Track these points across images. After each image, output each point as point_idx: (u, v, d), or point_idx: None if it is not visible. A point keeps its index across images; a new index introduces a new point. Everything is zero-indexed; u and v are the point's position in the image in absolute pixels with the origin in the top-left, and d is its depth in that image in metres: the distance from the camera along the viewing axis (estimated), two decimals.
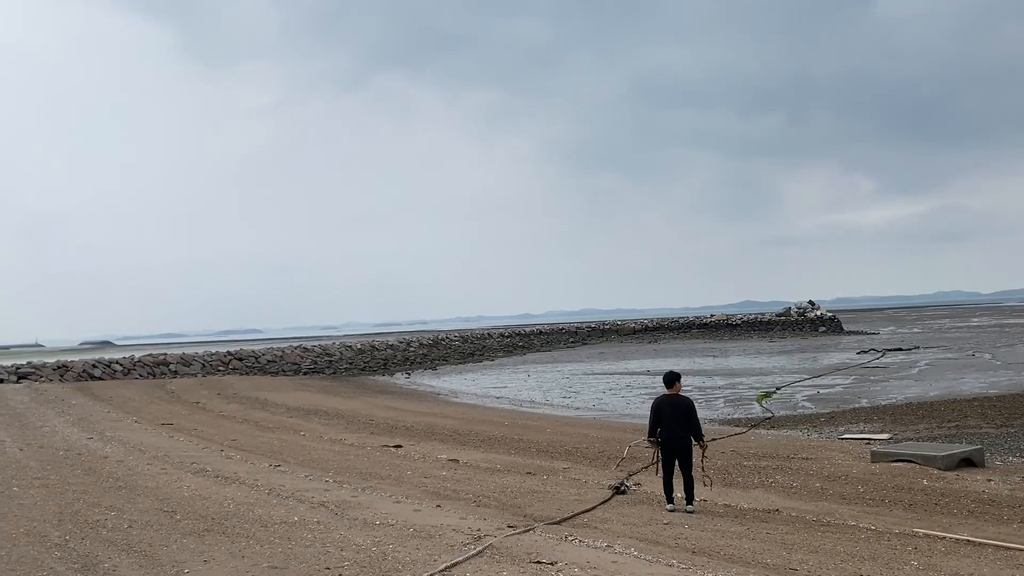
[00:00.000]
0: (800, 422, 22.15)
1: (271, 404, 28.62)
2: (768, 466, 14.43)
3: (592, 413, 27.12)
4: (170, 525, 9.52)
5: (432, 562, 7.73)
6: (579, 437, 19.12)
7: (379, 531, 9.16)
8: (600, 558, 7.96)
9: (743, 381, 36.61)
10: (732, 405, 27.59)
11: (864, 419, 21.91)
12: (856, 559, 8.29)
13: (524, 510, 10.70)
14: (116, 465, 14.41)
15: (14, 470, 13.80)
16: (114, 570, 7.58)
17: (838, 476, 13.32)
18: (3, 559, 8.06)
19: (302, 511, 10.35)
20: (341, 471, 14.07)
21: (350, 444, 18.19)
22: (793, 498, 11.78)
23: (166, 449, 16.73)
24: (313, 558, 7.93)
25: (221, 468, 14.15)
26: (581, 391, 35.89)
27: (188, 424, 22.20)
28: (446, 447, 17.59)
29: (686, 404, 10.71)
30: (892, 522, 10.12)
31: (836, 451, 16.25)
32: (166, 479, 12.93)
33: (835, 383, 34.03)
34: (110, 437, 18.75)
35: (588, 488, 12.43)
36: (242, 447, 17.43)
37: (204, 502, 10.94)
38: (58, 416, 23.65)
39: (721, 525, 9.87)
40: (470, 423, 22.71)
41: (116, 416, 24.03)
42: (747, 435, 19.49)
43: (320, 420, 23.80)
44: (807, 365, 45.31)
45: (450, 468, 14.59)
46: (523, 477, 13.52)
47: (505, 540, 8.62)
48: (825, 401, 27.43)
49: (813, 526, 9.92)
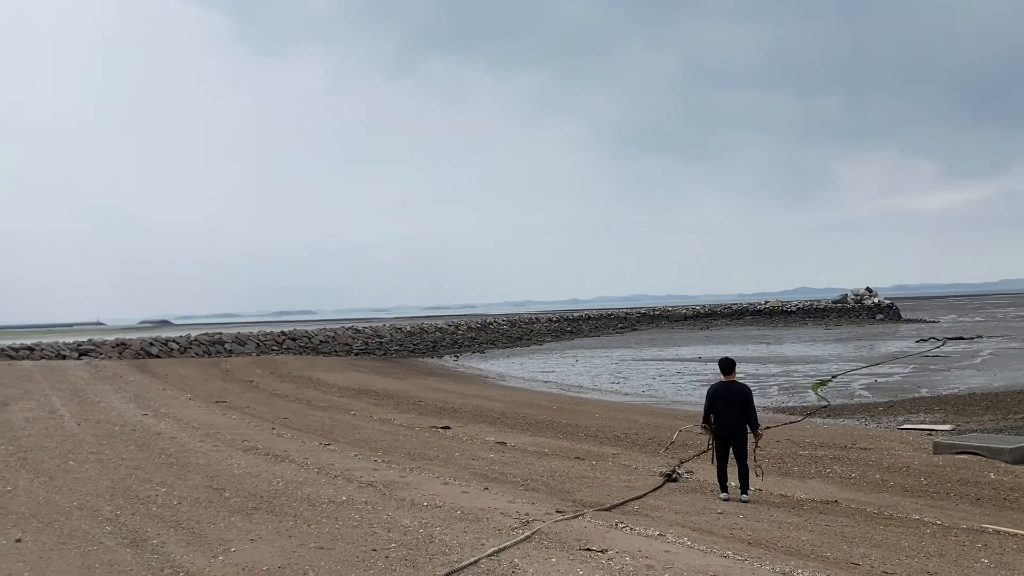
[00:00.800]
0: (857, 411, 21.58)
1: (323, 384, 28.86)
2: (825, 456, 14.01)
3: (642, 399, 26.80)
4: (219, 502, 9.54)
5: (480, 546, 7.58)
6: (628, 423, 18.85)
7: (426, 513, 9.05)
8: (652, 547, 7.72)
9: (798, 369, 35.86)
10: (786, 393, 27.02)
11: (925, 409, 21.25)
12: (922, 555, 7.92)
13: (573, 495, 10.50)
14: (169, 441, 14.59)
15: (71, 444, 14.05)
16: (162, 546, 7.59)
17: (899, 467, 12.86)
18: (56, 532, 8.15)
19: (350, 491, 10.30)
20: (390, 451, 14.05)
21: (399, 424, 18.20)
22: (852, 489, 11.38)
23: (218, 426, 16.91)
24: (359, 539, 7.85)
25: (271, 446, 14.22)
26: (630, 377, 35.54)
27: (241, 402, 22.45)
28: (494, 430, 17.48)
29: (743, 391, 10.39)
30: (959, 517, 9.69)
31: (896, 441, 15.74)
32: (217, 456, 13.03)
33: (893, 372, 33.13)
34: (164, 414, 19.04)
35: (638, 474, 12.18)
36: (293, 425, 17.54)
37: (253, 480, 10.97)
38: (115, 392, 24.13)
39: (777, 516, 9.55)
40: (518, 406, 22.59)
41: (171, 393, 24.43)
42: (802, 424, 19.03)
43: (370, 400, 23.91)
44: (864, 353, 44.24)
45: (498, 451, 14.47)
46: (571, 462, 13.33)
47: (554, 525, 8.43)
48: (883, 390, 26.70)
49: (874, 519, 9.54)
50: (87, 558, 7.21)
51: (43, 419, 17.48)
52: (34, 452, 13.15)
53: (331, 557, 7.22)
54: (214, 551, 7.42)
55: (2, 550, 7.43)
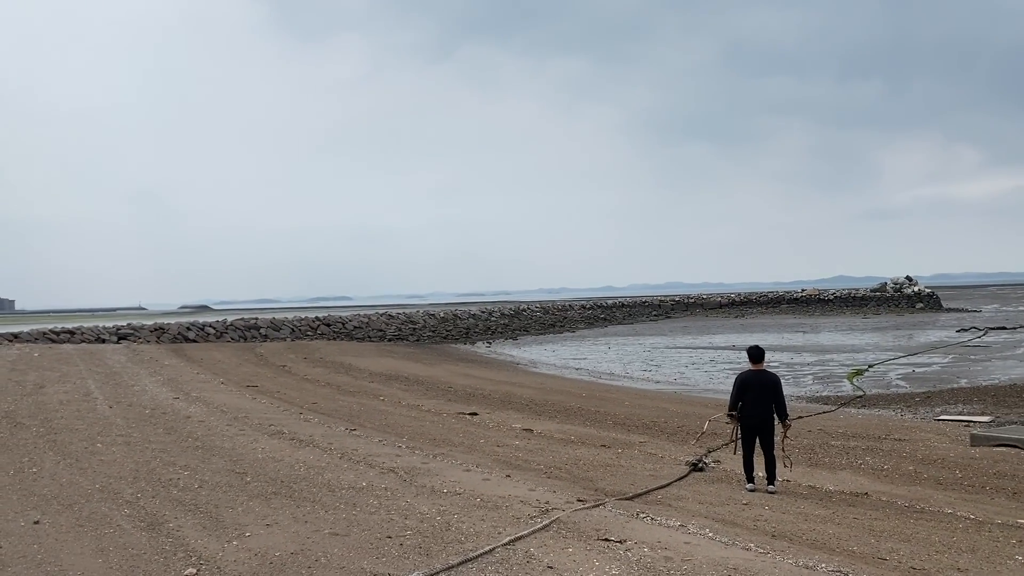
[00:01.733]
0: (893, 401, 21.14)
1: (354, 369, 29.00)
2: (857, 447, 13.70)
3: (673, 387, 26.53)
4: (239, 486, 9.56)
5: (496, 534, 7.49)
6: (658, 411, 18.64)
7: (445, 500, 8.98)
8: (672, 538, 7.56)
9: (833, 358, 35.27)
10: (821, 382, 26.57)
11: (963, 400, 20.75)
12: (952, 550, 7.66)
13: (596, 483, 10.36)
14: (197, 425, 14.71)
15: (101, 427, 14.23)
16: (178, 530, 7.60)
17: (934, 460, 12.52)
18: (75, 514, 8.22)
19: (371, 476, 10.27)
20: (415, 437, 14.02)
21: (427, 410, 18.19)
22: (883, 481, 11.10)
23: (247, 411, 17.03)
24: (376, 526, 7.79)
25: (297, 431, 14.27)
26: (662, 364, 35.24)
27: (272, 387, 22.62)
28: (521, 416, 17.39)
29: (773, 380, 10.16)
30: (994, 511, 9.39)
31: (932, 433, 15.36)
32: (242, 440, 13.09)
33: (932, 362, 32.43)
34: (195, 398, 19.23)
35: (664, 463, 12.00)
36: (321, 410, 17.62)
37: (276, 464, 10.99)
38: (150, 376, 24.46)
39: (804, 508, 9.32)
40: (547, 393, 22.48)
41: (204, 377, 24.70)
42: (836, 413, 18.67)
43: (400, 386, 23.96)
44: (902, 343, 43.40)
45: (524, 437, 14.37)
46: (597, 449, 13.18)
47: (573, 514, 8.31)
48: (921, 380, 26.14)
49: (905, 512, 9.27)
50: (102, 541, 7.25)
51: (76, 401, 17.75)
52: (64, 434, 13.33)
53: (345, 544, 7.17)
54: (229, 536, 7.41)
55: (19, 532, 7.50)
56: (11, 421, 14.68)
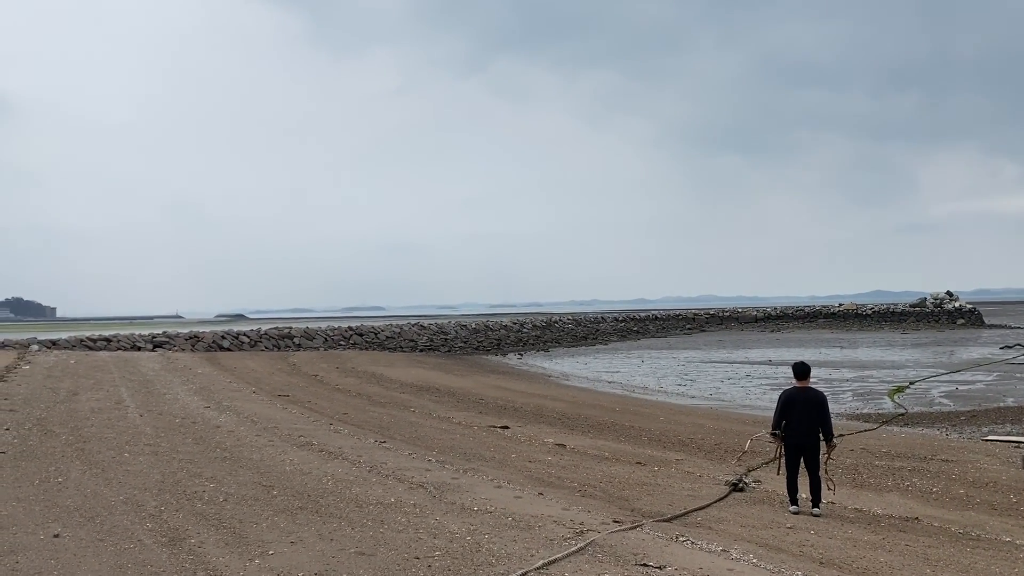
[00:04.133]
0: (937, 420, 20.47)
1: (386, 379, 28.84)
2: (903, 467, 13.18)
3: (708, 403, 25.99)
4: (265, 500, 9.33)
5: (528, 557, 7.16)
6: (694, 427, 18.19)
7: (476, 518, 8.67)
8: (714, 564, 7.18)
9: (873, 374, 34.44)
10: (861, 399, 25.88)
11: (1011, 419, 20.04)
12: None
13: (632, 503, 10.00)
14: (226, 435, 14.56)
15: (129, 436, 14.13)
16: (199, 546, 7.37)
17: (985, 482, 11.98)
18: (96, 527, 8.02)
19: (400, 492, 10.00)
20: (445, 450, 13.74)
21: (457, 423, 17.91)
22: (934, 505, 10.60)
23: (277, 421, 16.88)
24: (403, 545, 7.50)
25: (327, 442, 14.06)
26: (697, 379, 34.65)
27: (303, 396, 22.50)
28: (554, 431, 17.04)
29: (819, 399, 9.74)
30: None
31: (980, 454, 14.76)
32: (271, 451, 12.90)
33: (976, 379, 31.51)
34: (226, 407, 19.14)
35: (702, 483, 11.59)
36: (351, 421, 17.42)
37: (303, 477, 10.76)
38: (182, 384, 24.47)
39: (852, 532, 8.88)
40: (580, 407, 22.11)
41: (236, 386, 24.67)
42: (878, 432, 18.08)
43: (431, 397, 23.72)
44: (943, 359, 42.33)
45: (556, 453, 14.03)
46: (632, 467, 12.80)
47: (609, 537, 7.96)
48: (965, 398, 25.35)
49: (960, 539, 8.79)
50: (121, 557, 7.02)
51: (108, 409, 17.72)
52: (92, 443, 13.23)
53: (371, 564, 6.89)
54: (251, 553, 7.16)
55: (38, 546, 7.31)
56: (42, 429, 14.65)
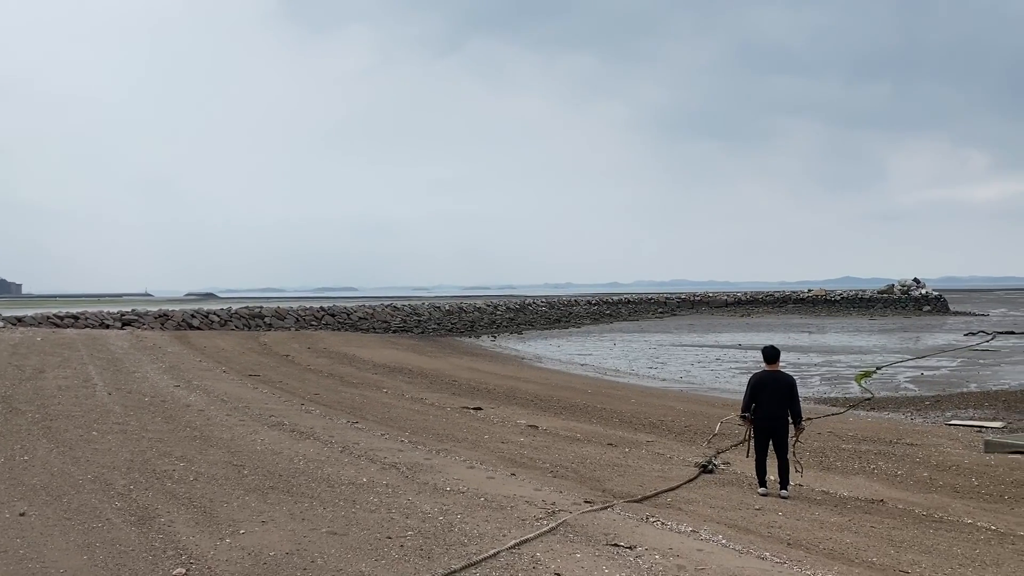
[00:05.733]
0: (903, 404, 20.80)
1: (358, 360, 28.73)
2: (869, 451, 13.40)
3: (679, 385, 26.21)
4: (236, 480, 9.28)
5: (500, 537, 7.19)
6: (664, 409, 18.34)
7: (448, 498, 8.68)
8: (684, 544, 7.26)
9: (841, 359, 34.90)
10: (829, 383, 26.22)
11: (974, 405, 20.40)
12: (976, 564, 7.34)
13: (603, 484, 10.07)
14: (196, 414, 14.43)
15: (98, 414, 13.95)
16: (169, 525, 7.30)
17: (948, 466, 12.21)
18: (63, 506, 7.92)
19: (372, 472, 9.98)
20: (418, 431, 13.74)
21: (430, 404, 17.91)
22: (899, 488, 10.79)
23: (248, 400, 16.77)
24: (375, 525, 7.50)
25: (298, 422, 13.99)
26: (668, 362, 34.91)
27: (274, 376, 22.37)
28: (526, 412, 17.10)
29: (788, 382, 9.86)
30: (1015, 522, 9.07)
31: (944, 438, 15.04)
32: (242, 431, 12.81)
33: (940, 365, 32.04)
34: (196, 386, 18.97)
35: (672, 464, 11.70)
36: (323, 402, 17.35)
37: (275, 457, 10.70)
38: (152, 363, 24.21)
39: (819, 514, 9.01)
40: (552, 389, 22.20)
41: (206, 365, 24.45)
42: (845, 416, 18.35)
43: (404, 378, 23.69)
44: (910, 345, 42.99)
45: (528, 434, 14.08)
46: (604, 448, 12.89)
47: (581, 517, 8.01)
48: (930, 383, 25.77)
49: (924, 521, 8.96)
50: (89, 536, 6.95)
51: (75, 387, 17.49)
52: (59, 421, 13.06)
53: (343, 544, 6.87)
54: (222, 532, 7.11)
55: (4, 524, 7.20)
56: (7, 406, 14.42)
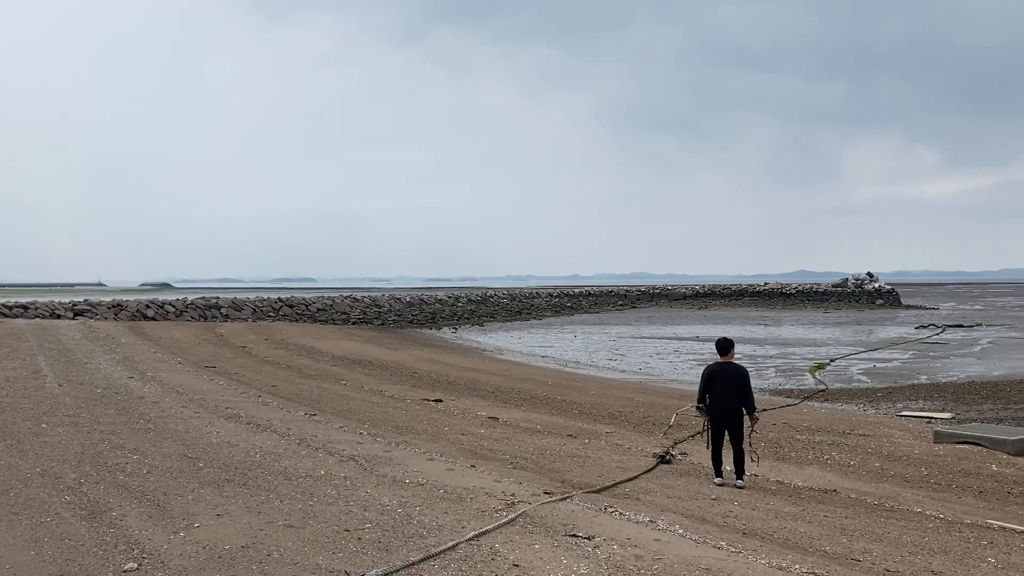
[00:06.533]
0: (856, 396, 21.21)
1: (316, 352, 28.48)
2: (823, 441, 13.63)
3: (638, 377, 26.43)
4: (191, 472, 9.13)
5: (460, 529, 7.18)
6: (624, 401, 18.48)
7: (407, 491, 8.65)
8: (642, 534, 7.32)
9: (796, 351, 35.48)
10: (784, 375, 26.65)
11: (924, 396, 20.88)
12: (925, 551, 7.51)
13: (562, 475, 10.11)
14: (150, 406, 14.19)
15: (48, 406, 13.64)
16: (121, 519, 7.16)
17: (899, 456, 12.48)
18: (10, 501, 7.72)
19: (330, 464, 9.90)
20: (377, 423, 13.66)
21: (390, 396, 17.82)
22: (851, 478, 10.99)
23: (203, 392, 16.53)
24: (333, 517, 7.43)
25: (255, 414, 13.83)
26: (628, 354, 35.18)
27: (231, 368, 22.08)
28: (487, 404, 17.10)
29: (739, 373, 9.98)
30: (962, 511, 9.30)
31: (895, 428, 15.36)
32: (197, 423, 12.62)
33: (892, 357, 32.75)
34: (151, 377, 18.65)
35: (631, 455, 11.79)
36: (280, 394, 17.17)
37: (231, 450, 10.56)
38: (105, 354, 23.75)
39: (774, 504, 9.15)
40: (513, 381, 22.23)
41: (161, 356, 24.06)
42: (800, 407, 18.65)
43: (363, 370, 23.53)
44: (863, 338, 43.87)
45: (489, 426, 14.09)
46: (563, 439, 12.94)
47: (540, 508, 8.03)
48: (882, 375, 26.34)
49: (875, 510, 9.14)
50: (37, 531, 6.78)
51: (24, 379, 17.08)
52: (7, 413, 12.73)
53: (300, 537, 6.80)
54: (176, 526, 6.99)
55: None
56: None
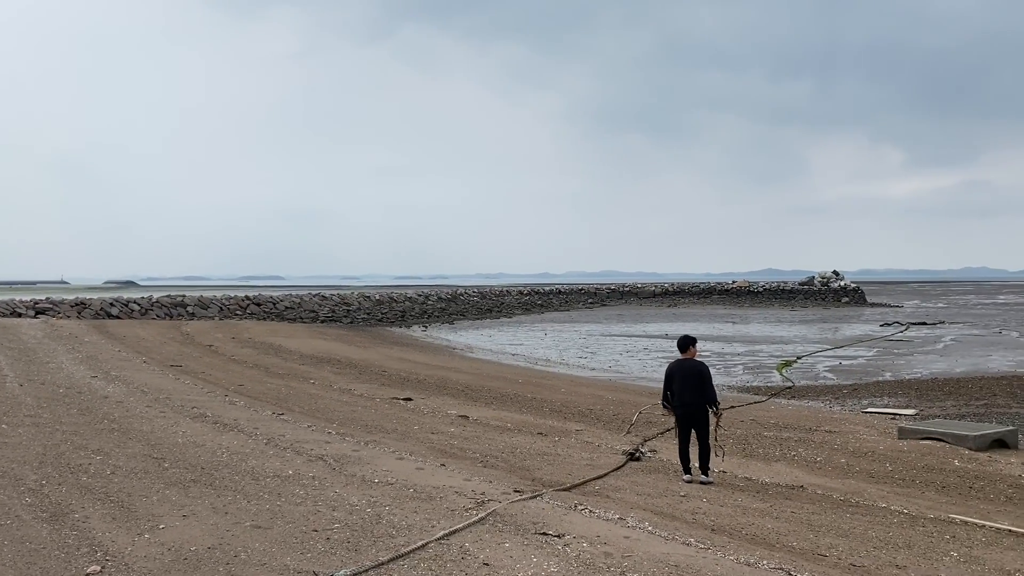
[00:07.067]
0: (822, 393, 21.46)
1: (284, 350, 28.24)
2: (790, 438, 13.78)
3: (608, 374, 26.53)
4: (156, 473, 9.00)
5: (429, 528, 7.14)
6: (594, 398, 18.54)
7: (377, 490, 8.59)
8: (611, 532, 7.34)
9: (763, 349, 35.83)
10: (751, 372, 26.90)
11: (888, 393, 21.18)
12: (890, 546, 7.62)
13: (532, 473, 10.11)
14: (114, 406, 13.97)
15: (8, 406, 13.37)
16: (84, 521, 7.03)
17: (864, 452, 12.64)
18: None
19: (298, 464, 9.81)
20: (346, 423, 13.58)
21: (359, 395, 17.72)
22: (817, 474, 11.12)
23: (169, 391, 16.31)
24: (301, 517, 7.36)
25: (222, 414, 13.67)
26: (597, 352, 35.30)
27: (197, 367, 21.83)
28: (457, 402, 17.07)
29: (698, 369, 10.06)
30: (925, 506, 9.45)
31: (861, 425, 15.56)
32: (162, 423, 12.45)
33: (858, 355, 33.19)
34: (115, 376, 18.37)
35: (601, 452, 11.83)
36: (247, 393, 17.00)
37: (197, 450, 10.43)
38: (67, 353, 23.36)
39: (742, 500, 9.23)
40: (483, 379, 22.21)
41: (126, 355, 23.72)
42: (767, 404, 18.84)
43: (332, 369, 23.38)
44: (829, 335, 44.41)
45: (459, 425, 14.06)
46: (534, 437, 12.95)
47: (510, 507, 8.02)
48: (847, 372, 26.68)
49: (841, 506, 9.25)
50: None
51: None
52: None
53: (267, 537, 6.73)
54: (140, 528, 6.88)
55: None
56: None
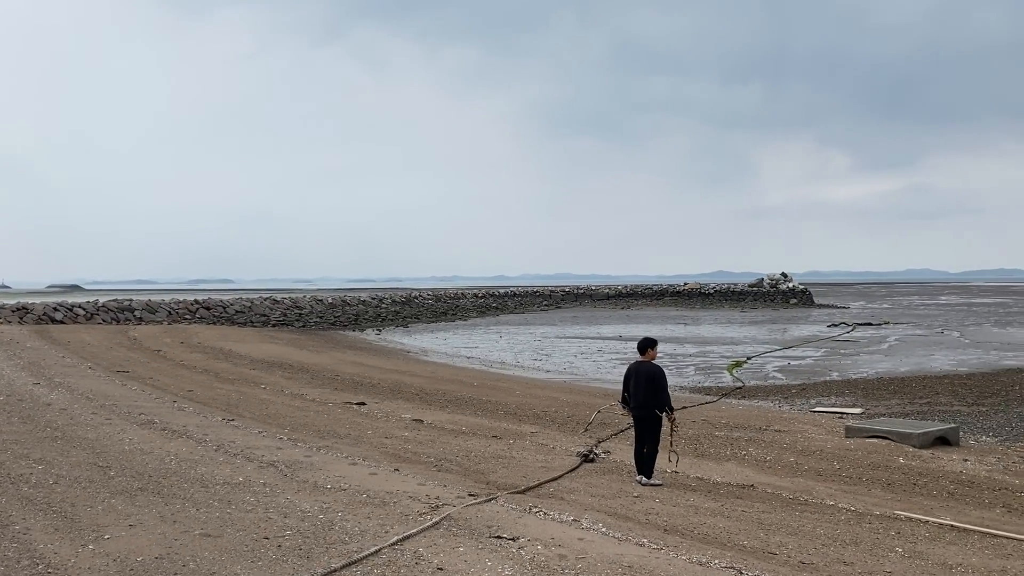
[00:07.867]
0: (771, 393, 21.82)
1: (234, 355, 27.81)
2: (740, 437, 13.98)
3: (563, 376, 26.63)
4: (101, 482, 8.79)
5: (383, 533, 7.09)
6: (548, 400, 18.60)
7: (329, 496, 8.51)
8: (565, 534, 7.37)
9: (714, 350, 36.30)
10: (703, 373, 27.23)
11: (836, 392, 21.62)
12: (838, 543, 7.77)
13: (487, 476, 10.11)
14: (58, 414, 13.61)
15: None
16: (24, 533, 6.83)
17: (813, 451, 12.88)
18: None
19: (249, 471, 9.67)
20: (297, 428, 13.41)
21: (311, 400, 17.52)
22: (768, 473, 11.30)
23: (115, 398, 15.95)
24: (252, 525, 7.25)
25: (170, 420, 13.41)
26: (552, 354, 35.42)
27: (145, 372, 21.39)
28: (411, 406, 16.98)
29: (652, 371, 10.16)
30: (871, 503, 9.66)
31: (809, 424, 15.86)
32: (108, 430, 12.17)
33: (806, 355, 33.80)
34: (59, 383, 17.91)
35: (556, 454, 11.87)
36: (197, 399, 16.70)
37: (144, 457, 10.21)
38: (8, 359, 22.71)
39: (694, 500, 9.33)
40: (438, 382, 22.12)
41: (70, 361, 23.14)
42: (718, 404, 19.09)
43: (283, 373, 23.08)
44: (778, 336, 45.17)
45: (413, 429, 13.98)
46: (488, 440, 12.94)
47: (464, 510, 8.00)
48: (796, 373, 27.15)
49: (790, 504, 9.41)
50: None
51: None
52: None
53: (217, 546, 6.62)
54: (84, 539, 6.71)
55: None
56: None
